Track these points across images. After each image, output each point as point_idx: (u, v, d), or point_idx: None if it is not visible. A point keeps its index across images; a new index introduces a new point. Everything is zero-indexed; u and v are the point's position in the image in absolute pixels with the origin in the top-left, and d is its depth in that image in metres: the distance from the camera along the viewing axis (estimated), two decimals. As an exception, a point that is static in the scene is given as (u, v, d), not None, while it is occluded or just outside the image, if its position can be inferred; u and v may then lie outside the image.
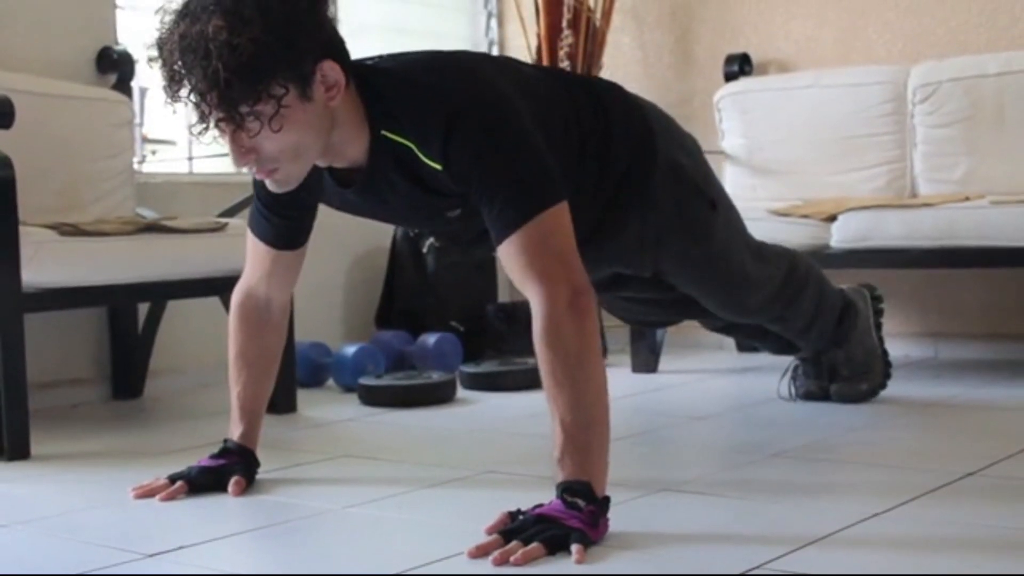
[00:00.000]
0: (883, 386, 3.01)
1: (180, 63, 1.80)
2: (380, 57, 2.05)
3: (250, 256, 2.27)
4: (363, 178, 2.01)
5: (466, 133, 1.88)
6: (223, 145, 1.90)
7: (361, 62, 2.01)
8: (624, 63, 4.56)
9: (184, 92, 1.81)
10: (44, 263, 2.70)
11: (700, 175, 2.39)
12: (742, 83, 4.17)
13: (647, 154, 2.25)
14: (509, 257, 1.89)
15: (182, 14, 1.82)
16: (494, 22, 4.88)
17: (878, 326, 3.02)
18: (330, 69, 1.87)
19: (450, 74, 1.96)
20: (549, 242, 1.88)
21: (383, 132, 1.94)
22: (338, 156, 1.99)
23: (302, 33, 1.83)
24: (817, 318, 2.80)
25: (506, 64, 2.13)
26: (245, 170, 1.94)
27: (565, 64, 4.25)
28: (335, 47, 1.90)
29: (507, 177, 1.89)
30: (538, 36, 4.33)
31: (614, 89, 2.32)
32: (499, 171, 1.89)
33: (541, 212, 1.87)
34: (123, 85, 3.52)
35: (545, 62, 4.29)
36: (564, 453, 1.81)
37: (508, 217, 1.88)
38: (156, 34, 1.85)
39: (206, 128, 1.85)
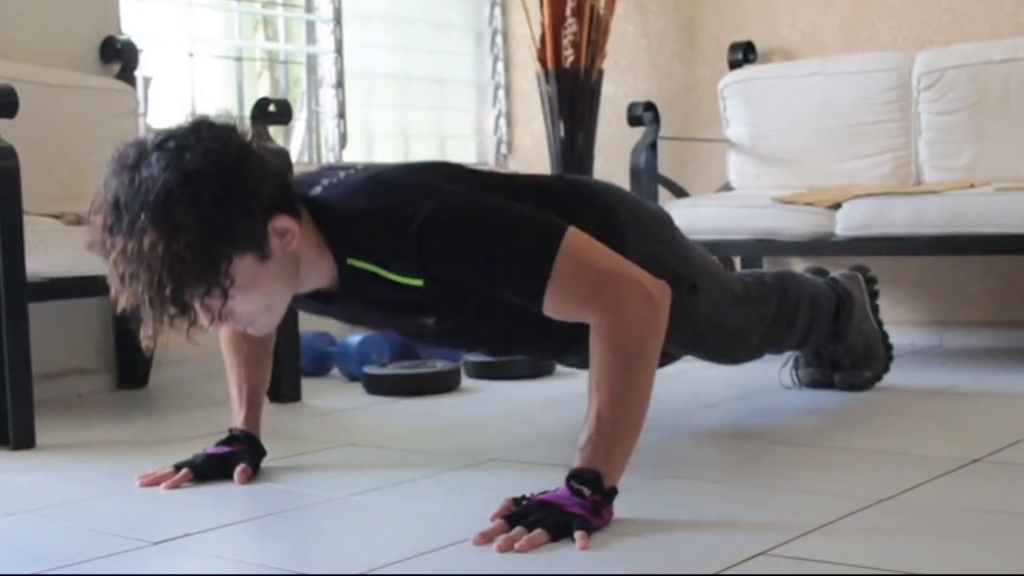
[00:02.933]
0: (886, 370, 3.00)
1: (125, 271, 1.78)
2: (325, 178, 2.02)
3: None
4: (337, 297, 2.01)
5: (440, 244, 1.85)
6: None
7: (306, 191, 1.98)
8: (628, 52, 4.55)
9: (135, 296, 1.79)
10: (48, 252, 2.70)
11: (676, 259, 2.28)
12: (746, 71, 4.17)
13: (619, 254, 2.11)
14: (558, 310, 1.86)
15: (116, 221, 1.78)
16: (498, 11, 4.88)
17: (875, 308, 3.02)
18: (280, 222, 1.85)
19: (400, 193, 1.91)
20: (586, 264, 1.85)
21: (349, 261, 1.93)
22: (306, 284, 1.98)
23: (241, 213, 1.80)
24: (812, 330, 2.80)
25: (459, 169, 2.10)
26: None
27: (569, 53, 4.25)
28: (280, 198, 1.87)
29: (504, 256, 1.85)
30: (542, 25, 4.32)
31: (579, 189, 2.25)
32: (492, 258, 1.86)
33: (556, 254, 1.83)
34: (127, 74, 3.52)
35: (549, 51, 4.29)
36: (589, 442, 1.81)
37: (532, 285, 1.84)
38: (92, 233, 1.82)
39: (160, 329, 1.82)
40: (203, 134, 1.83)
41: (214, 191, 1.77)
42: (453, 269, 1.88)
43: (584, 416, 1.83)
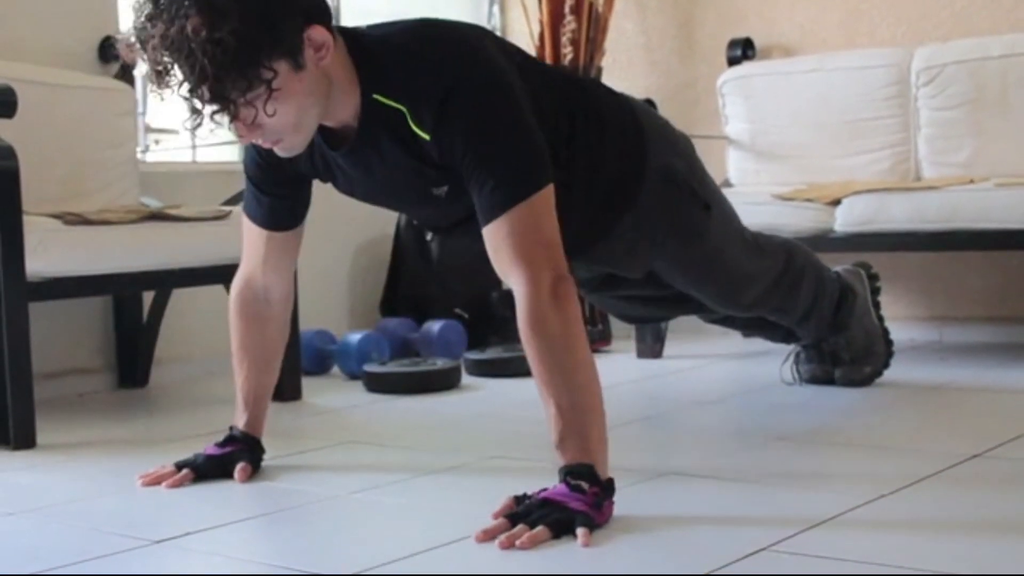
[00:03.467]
0: (887, 365, 3.00)
1: (165, 62, 1.77)
2: (371, 26, 2.04)
3: (246, 242, 2.26)
4: (353, 141, 1.99)
5: (460, 108, 1.87)
6: (227, 130, 1.89)
7: (351, 28, 1.99)
8: (627, 48, 4.55)
9: (173, 87, 1.79)
10: (48, 252, 2.70)
11: (694, 177, 2.36)
12: (745, 68, 4.16)
13: (639, 157, 2.22)
14: (497, 238, 1.88)
15: (157, 11, 1.78)
16: (496, 7, 4.87)
17: (876, 304, 3.02)
18: (316, 32, 1.84)
19: (447, 45, 1.94)
20: (537, 226, 1.88)
21: (375, 96, 1.93)
22: (328, 116, 1.97)
23: (282, 9, 1.80)
24: (815, 306, 2.79)
25: (504, 43, 2.11)
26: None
27: (568, 51, 4.25)
28: (318, 10, 1.87)
29: (499, 157, 1.88)
30: (541, 22, 4.32)
31: (608, 91, 2.30)
32: (491, 150, 1.88)
33: (532, 195, 1.86)
34: (126, 74, 3.52)
35: (548, 48, 4.29)
36: (563, 437, 1.82)
37: (499, 197, 1.87)
38: (134, 28, 1.81)
39: (200, 123, 1.82)
40: None
41: None
42: (456, 134, 1.88)
43: (546, 416, 1.84)
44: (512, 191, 1.87)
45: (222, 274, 3.01)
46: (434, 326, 3.73)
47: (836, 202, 3.47)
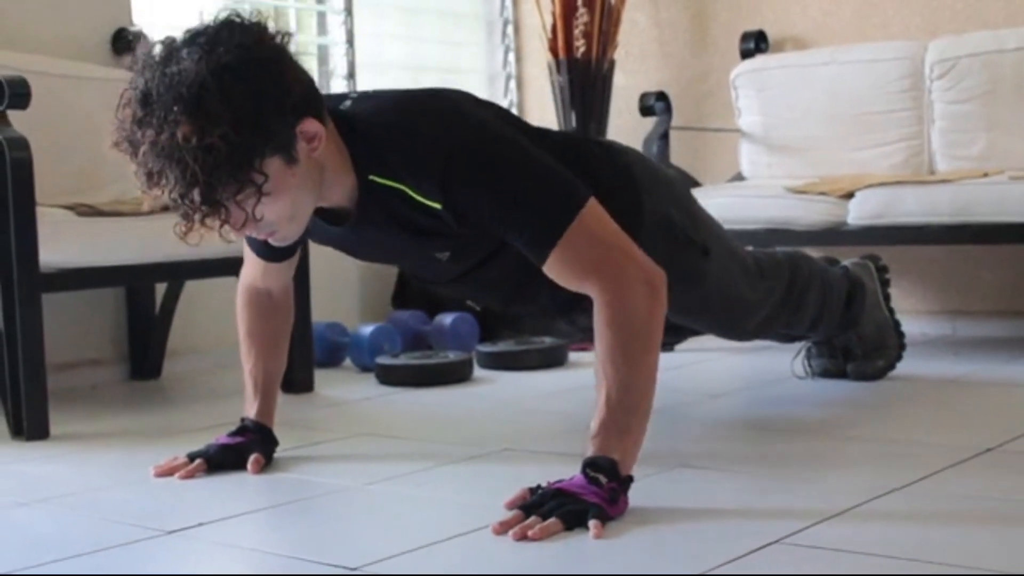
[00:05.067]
0: (899, 358, 3.00)
1: (155, 167, 1.74)
2: (352, 96, 2.00)
3: (245, 255, 2.29)
4: (353, 219, 1.99)
5: (465, 170, 1.84)
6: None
7: (335, 105, 1.96)
8: (640, 41, 4.54)
9: (164, 192, 1.75)
10: (62, 243, 2.71)
11: (691, 223, 2.30)
12: (758, 60, 4.15)
13: (635, 212, 2.14)
14: (559, 273, 1.86)
15: (147, 114, 1.73)
16: (509, 0, 4.87)
17: (886, 296, 3.01)
18: (308, 125, 1.82)
19: (433, 114, 1.90)
20: (595, 239, 1.85)
21: (371, 177, 1.91)
22: (324, 199, 1.95)
23: (273, 109, 1.77)
24: (823, 313, 2.78)
25: (489, 104, 2.07)
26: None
27: (580, 43, 4.24)
28: (309, 102, 1.84)
29: (524, 200, 1.85)
30: (553, 14, 4.32)
31: (600, 148, 2.25)
32: (514, 197, 1.85)
33: (574, 219, 1.83)
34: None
35: (560, 41, 4.29)
36: (601, 430, 1.81)
37: (541, 238, 1.84)
38: (122, 131, 1.77)
39: (191, 227, 1.78)
40: (235, 30, 1.78)
41: (248, 85, 1.73)
42: (473, 197, 1.85)
43: (594, 404, 1.83)
44: (551, 225, 1.84)
45: (234, 265, 2.98)
46: (446, 319, 3.73)
47: (849, 195, 3.46)
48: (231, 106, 1.72)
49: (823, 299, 2.75)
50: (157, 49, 1.78)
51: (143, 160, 1.75)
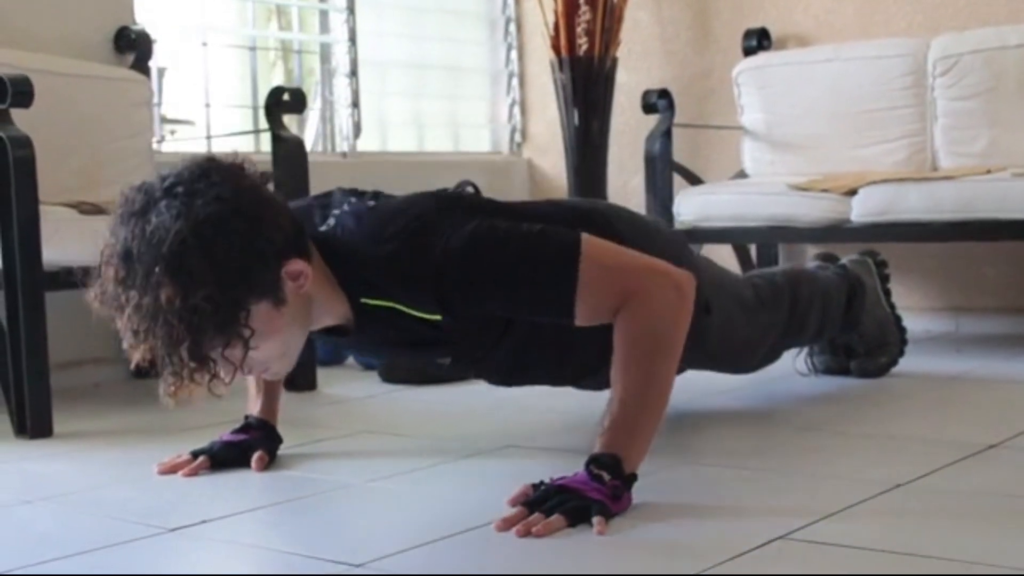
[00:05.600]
0: (902, 353, 2.99)
1: (140, 327, 1.72)
2: (332, 210, 1.96)
3: None
4: (351, 335, 1.99)
5: (458, 278, 1.82)
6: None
7: (316, 227, 1.93)
8: (642, 39, 4.54)
9: (152, 350, 1.73)
10: (64, 241, 2.70)
11: None
12: (761, 58, 4.15)
13: None
14: (593, 319, 1.85)
15: (128, 274, 1.71)
16: (511, -1, 4.87)
17: (886, 291, 3.00)
18: (293, 265, 1.80)
19: (410, 232, 1.86)
20: (608, 269, 1.83)
21: (362, 300, 1.90)
22: (319, 323, 1.95)
23: (257, 259, 1.74)
24: (825, 325, 2.79)
25: (456, 196, 2.03)
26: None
27: (583, 41, 4.24)
28: (292, 240, 1.81)
29: (524, 282, 1.83)
30: (555, 12, 4.31)
31: (577, 211, 2.19)
32: (513, 285, 1.84)
33: (577, 270, 1.81)
34: (141, 65, 3.53)
35: (563, 38, 4.28)
36: (610, 427, 1.81)
37: (559, 305, 1.83)
38: (105, 289, 1.75)
39: (180, 385, 1.76)
40: (212, 178, 1.75)
41: (229, 239, 1.71)
42: (476, 300, 1.85)
43: (608, 401, 1.83)
44: (560, 289, 1.82)
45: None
46: (449, 316, 3.72)
47: (852, 192, 3.46)
48: (213, 264, 1.69)
49: (824, 314, 2.76)
50: (138, 198, 1.75)
51: (128, 320, 1.72)
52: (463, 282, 1.83)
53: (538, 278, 1.83)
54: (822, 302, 2.74)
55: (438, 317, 1.88)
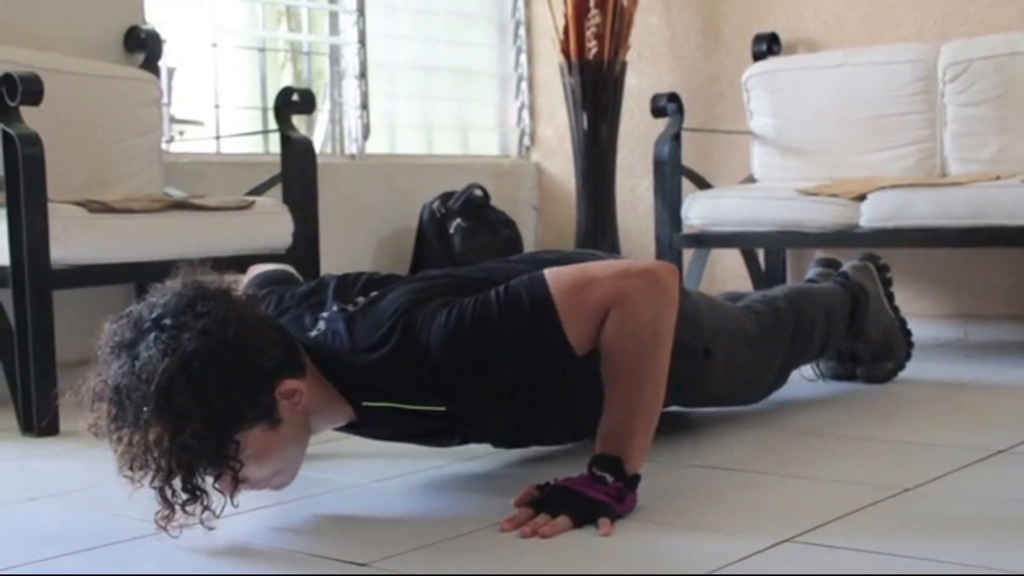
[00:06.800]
0: (908, 357, 2.98)
1: (135, 464, 1.71)
2: (319, 323, 1.93)
3: (247, 276, 2.29)
4: (362, 429, 2.02)
5: (454, 366, 1.81)
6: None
7: (306, 334, 1.91)
8: (652, 43, 4.54)
9: (146, 482, 1.72)
10: (72, 240, 2.71)
11: (685, 328, 2.11)
12: (771, 62, 4.15)
13: None
14: (589, 342, 1.83)
15: (120, 412, 1.70)
16: (521, 2, 4.87)
17: (890, 296, 2.99)
18: (286, 386, 1.78)
19: (396, 338, 1.83)
20: (581, 291, 1.82)
21: (364, 404, 1.90)
22: (321, 429, 1.94)
23: (245, 391, 1.72)
24: (829, 341, 2.79)
25: (427, 278, 2.01)
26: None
27: (592, 45, 4.24)
28: (283, 363, 1.79)
29: (513, 342, 1.82)
30: (565, 16, 4.32)
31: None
32: (505, 350, 1.82)
33: (556, 309, 1.80)
34: (151, 64, 3.53)
35: (572, 42, 4.28)
36: (607, 429, 1.81)
37: (554, 343, 1.81)
38: (99, 424, 1.74)
39: (172, 514, 1.73)
40: (198, 309, 1.73)
41: (217, 374, 1.69)
42: (478, 378, 1.84)
43: (604, 404, 1.82)
44: (548, 333, 1.81)
45: (245, 264, 3.00)
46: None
47: (861, 197, 3.45)
48: (202, 401, 1.68)
49: (827, 329, 2.75)
50: (126, 331, 1.74)
51: (122, 455, 1.72)
52: (461, 367, 1.82)
53: (525, 333, 1.82)
54: (825, 319, 2.73)
55: (442, 408, 1.87)
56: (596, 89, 4.30)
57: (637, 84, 4.45)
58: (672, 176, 3.86)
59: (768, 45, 4.20)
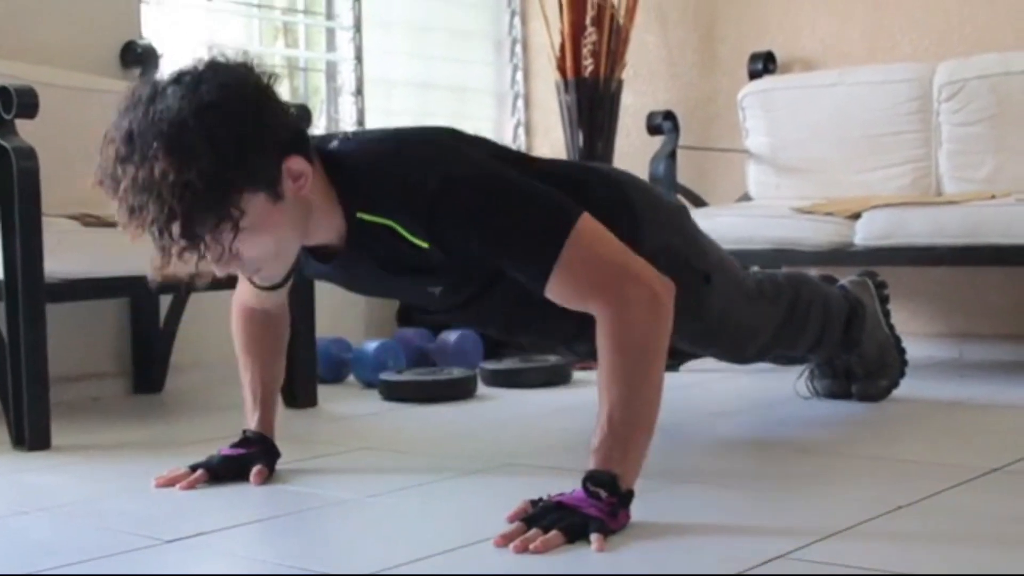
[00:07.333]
0: (902, 375, 2.98)
1: (135, 203, 1.74)
2: (340, 136, 2.00)
3: (240, 276, 2.27)
4: (342, 257, 1.99)
5: (450, 209, 1.83)
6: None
7: (323, 144, 1.96)
8: (648, 61, 4.55)
9: (144, 227, 1.75)
10: (67, 253, 2.70)
11: (691, 250, 2.28)
12: (766, 81, 4.16)
13: (632, 242, 2.03)
14: (560, 297, 1.85)
15: (129, 152, 1.74)
16: (517, 19, 4.88)
17: (886, 313, 2.99)
18: (294, 163, 1.82)
19: (420, 151, 1.91)
20: (594, 256, 1.83)
21: (359, 215, 1.91)
22: (314, 236, 1.96)
23: (256, 146, 1.76)
24: (823, 336, 2.77)
25: (476, 139, 2.06)
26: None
27: (588, 62, 4.25)
28: (295, 140, 1.85)
29: (513, 230, 1.84)
30: (561, 33, 4.32)
31: (597, 177, 2.23)
32: (501, 233, 1.84)
33: (567, 239, 1.81)
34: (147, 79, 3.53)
35: (568, 60, 4.29)
36: (602, 444, 1.80)
37: (537, 266, 1.83)
38: (105, 167, 1.78)
39: (169, 261, 1.77)
40: (219, 70, 1.79)
41: (229, 124, 1.74)
42: (461, 235, 1.85)
43: (596, 415, 1.82)
44: (543, 255, 1.82)
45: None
46: (451, 336, 3.72)
47: (856, 216, 3.45)
48: (211, 143, 1.72)
49: (823, 321, 2.74)
50: (144, 89, 1.79)
51: (123, 196, 1.75)
52: (454, 215, 1.83)
53: (525, 236, 1.83)
54: (823, 307, 2.72)
55: (426, 245, 1.88)
56: (592, 107, 4.31)
57: (633, 102, 4.46)
58: (668, 194, 3.86)
59: (764, 64, 4.21)
